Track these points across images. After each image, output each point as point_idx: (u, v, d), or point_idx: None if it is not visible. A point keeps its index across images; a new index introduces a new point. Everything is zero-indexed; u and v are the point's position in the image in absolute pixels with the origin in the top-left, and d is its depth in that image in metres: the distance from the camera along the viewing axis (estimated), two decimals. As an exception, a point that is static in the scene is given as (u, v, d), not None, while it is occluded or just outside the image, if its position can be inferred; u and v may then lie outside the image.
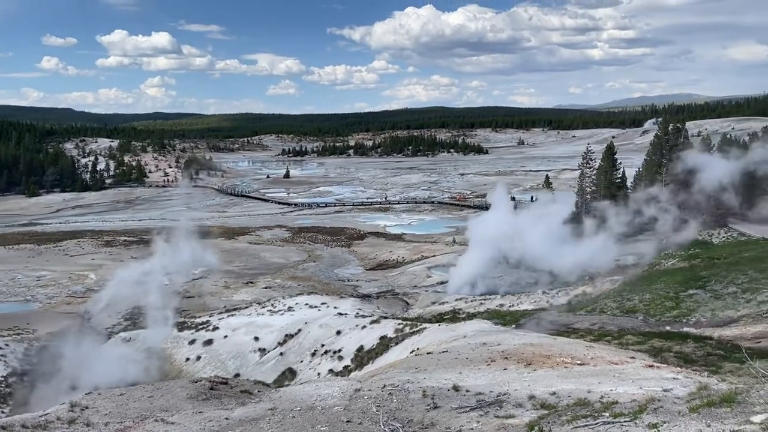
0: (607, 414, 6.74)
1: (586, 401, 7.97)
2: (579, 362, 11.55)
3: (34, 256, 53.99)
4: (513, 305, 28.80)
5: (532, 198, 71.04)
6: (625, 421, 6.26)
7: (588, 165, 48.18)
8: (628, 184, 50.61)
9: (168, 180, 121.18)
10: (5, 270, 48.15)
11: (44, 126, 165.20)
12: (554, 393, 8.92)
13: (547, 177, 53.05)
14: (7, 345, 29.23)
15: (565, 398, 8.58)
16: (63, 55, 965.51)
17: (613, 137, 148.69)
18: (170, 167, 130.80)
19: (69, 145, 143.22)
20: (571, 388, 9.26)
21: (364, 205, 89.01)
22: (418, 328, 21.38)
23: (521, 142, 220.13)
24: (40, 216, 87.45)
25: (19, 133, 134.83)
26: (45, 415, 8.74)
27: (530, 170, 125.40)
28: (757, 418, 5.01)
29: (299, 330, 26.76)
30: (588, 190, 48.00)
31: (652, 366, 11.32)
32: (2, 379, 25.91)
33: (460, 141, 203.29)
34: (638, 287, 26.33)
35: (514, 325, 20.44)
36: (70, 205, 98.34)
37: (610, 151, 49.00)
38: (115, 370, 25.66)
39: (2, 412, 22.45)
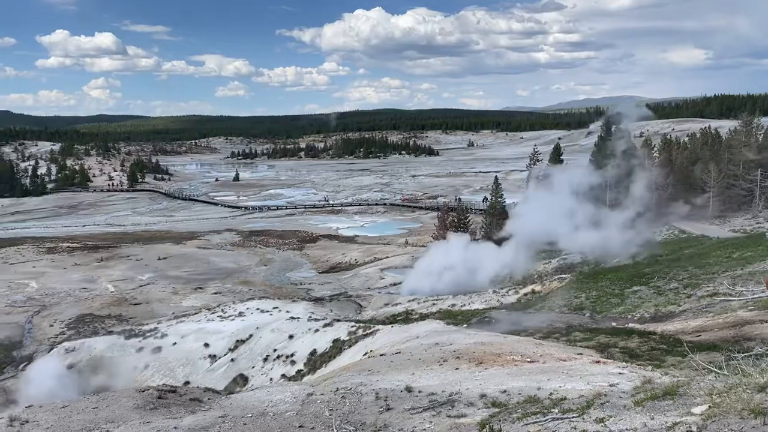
0: (557, 410, 6.85)
1: (535, 398, 8.10)
2: (529, 360, 11.74)
3: (-31, 265, 51.64)
4: (465, 305, 29.10)
5: (484, 199, 72.01)
6: (573, 417, 6.37)
7: (536, 165, 49.22)
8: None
9: (113, 184, 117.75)
10: (-62, 280, 45.92)
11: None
12: (505, 391, 9.03)
13: (496, 178, 53.81)
14: (-60, 358, 27.84)
15: (516, 396, 8.70)
16: (1, 55, 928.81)
17: (560, 138, 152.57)
18: (115, 171, 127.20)
19: (7, 149, 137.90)
20: (521, 385, 9.39)
21: (316, 207, 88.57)
22: (371, 330, 21.36)
23: (471, 144, 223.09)
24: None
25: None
26: (-19, 431, 8.34)
27: (480, 171, 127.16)
28: (697, 410, 5.18)
29: (251, 335, 26.39)
30: (536, 190, 49.01)
31: (599, 362, 11.59)
32: (-65, 394, 24.66)
33: (411, 143, 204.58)
34: (585, 285, 26.98)
35: (465, 325, 20.63)
36: (8, 211, 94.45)
37: (556, 152, 50.28)
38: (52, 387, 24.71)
39: (-64, 429, 21.32)
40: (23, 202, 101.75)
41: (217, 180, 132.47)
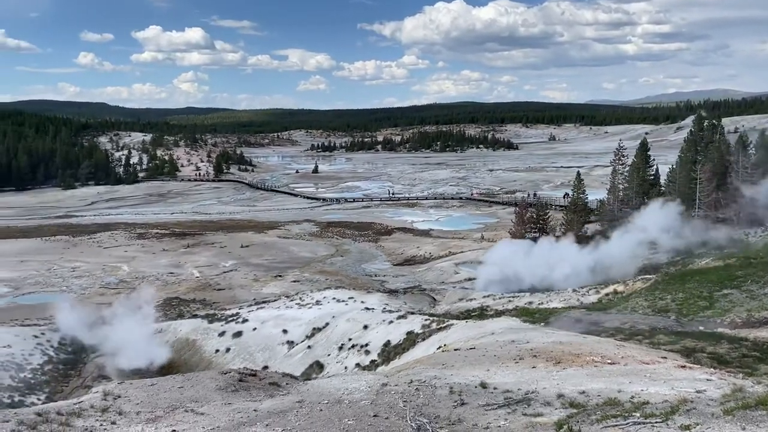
0: (638, 414, 6.64)
1: (616, 401, 7.87)
2: (609, 361, 11.40)
3: (69, 248, 55.24)
4: (542, 303, 28.51)
5: (565, 195, 70.17)
6: (656, 422, 6.16)
7: (620, 162, 47.40)
8: (662, 181, 49.70)
9: (199, 174, 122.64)
10: (42, 261, 49.37)
11: (80, 120, 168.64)
12: (583, 392, 8.82)
13: (579, 173, 52.24)
14: (43, 334, 29.94)
15: (595, 397, 8.48)
16: (99, 50, 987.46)
17: (647, 133, 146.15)
18: (202, 161, 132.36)
19: (103, 139, 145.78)
20: (601, 387, 9.15)
21: (392, 200, 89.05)
22: (445, 325, 21.33)
23: (552, 138, 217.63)
24: (75, 208, 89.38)
25: (56, 127, 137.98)
26: (79, 402, 8.94)
27: (561, 166, 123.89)
28: (794, 422, 4.88)
29: (327, 324, 26.90)
30: (620, 187, 47.27)
31: (684, 366, 11.12)
32: (39, 366, 26.55)
33: (489, 136, 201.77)
34: (671, 286, 25.86)
35: (543, 323, 20.23)
36: (104, 197, 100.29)
37: (643, 148, 48.17)
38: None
39: (38, 399, 23.03)
40: (117, 189, 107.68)
41: (297, 172, 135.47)
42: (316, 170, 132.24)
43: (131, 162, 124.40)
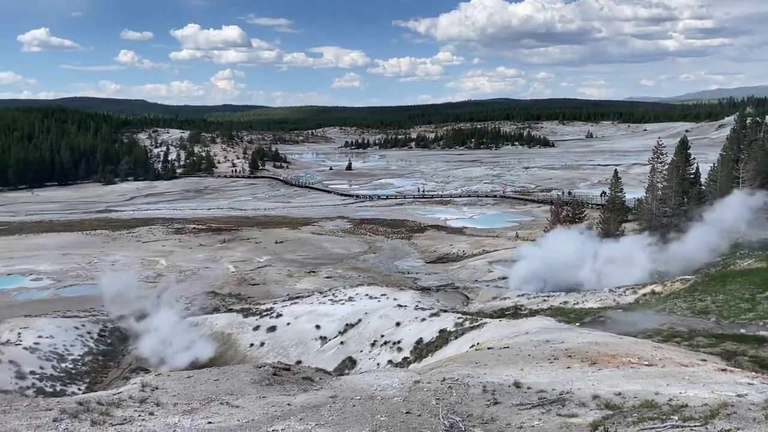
0: (676, 417, 6.51)
1: (653, 403, 7.72)
2: (646, 363, 11.19)
3: (108, 242, 56.59)
4: (578, 303, 28.12)
5: (602, 193, 69.06)
6: (695, 426, 6.03)
7: (659, 160, 46.36)
8: (702, 180, 48.51)
9: (235, 171, 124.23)
10: (83, 254, 50.68)
11: (120, 117, 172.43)
12: (619, 393, 8.69)
13: (616, 171, 51.32)
14: (83, 325, 30.73)
15: (631, 399, 8.34)
16: (139, 48, 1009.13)
17: (687, 131, 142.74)
18: (238, 158, 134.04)
19: (142, 136, 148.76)
20: (638, 389, 8.99)
21: (425, 197, 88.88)
22: (478, 323, 21.20)
23: (589, 135, 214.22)
24: (115, 203, 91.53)
25: (97, 124, 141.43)
26: (118, 393, 9.16)
27: (598, 164, 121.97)
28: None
29: (359, 320, 27.01)
30: (659, 185, 46.26)
31: (725, 370, 10.86)
32: (79, 357, 27.27)
33: (525, 134, 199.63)
34: (711, 287, 25.22)
35: (578, 323, 19.96)
36: (143, 193, 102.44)
37: (683, 146, 47.03)
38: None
39: (79, 389, 23.65)
40: (155, 185, 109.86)
41: (331, 169, 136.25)
42: (349, 167, 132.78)
43: (169, 158, 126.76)
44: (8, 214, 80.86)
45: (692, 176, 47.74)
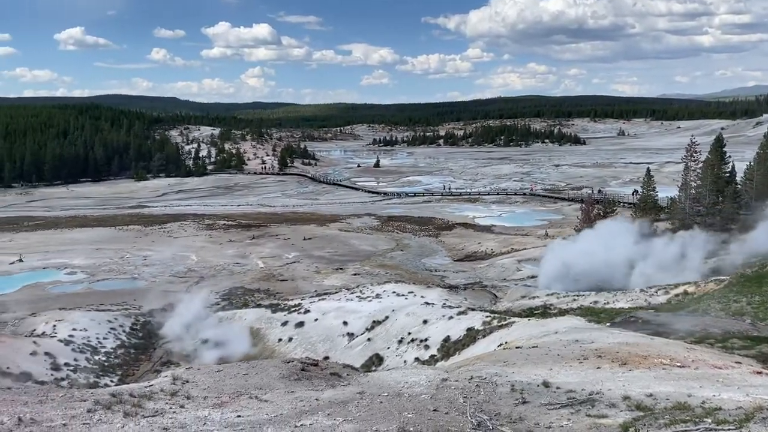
0: (710, 420, 6.39)
1: (685, 405, 7.59)
2: (678, 364, 11.00)
3: (141, 237, 57.57)
4: (608, 302, 27.74)
5: (634, 192, 68.00)
6: (729, 429, 5.91)
7: (693, 158, 45.45)
8: (738, 179, 47.41)
9: (265, 168, 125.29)
10: (116, 249, 51.65)
11: (152, 114, 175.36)
12: (651, 395, 8.55)
13: (648, 170, 50.44)
14: (116, 319, 31.38)
15: (663, 401, 8.20)
16: (171, 46, 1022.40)
17: (723, 129, 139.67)
18: (267, 155, 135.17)
19: (174, 133, 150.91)
20: (670, 390, 8.84)
21: (452, 195, 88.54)
22: (506, 322, 21.06)
23: (621, 133, 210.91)
24: (147, 199, 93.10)
25: (130, 121, 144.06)
26: (150, 386, 9.32)
27: (630, 162, 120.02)
28: None
29: (386, 317, 27.03)
30: (692, 184, 45.36)
31: (760, 372, 10.62)
32: (112, 350, 27.85)
33: (555, 131, 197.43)
34: (746, 288, 24.64)
35: (608, 323, 19.69)
36: (174, 189, 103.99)
37: (718, 144, 45.97)
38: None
39: (111, 381, 24.13)
40: (186, 181, 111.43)
41: (358, 166, 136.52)
42: (377, 164, 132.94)
43: (200, 155, 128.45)
44: (44, 209, 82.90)
45: (727, 175, 46.63)
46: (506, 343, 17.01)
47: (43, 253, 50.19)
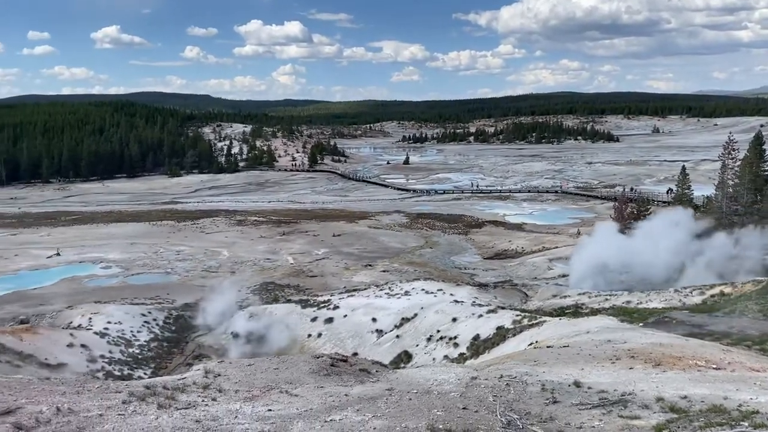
0: (747, 423, 6.25)
1: (721, 408, 7.43)
2: (714, 366, 10.77)
3: (174, 232, 58.51)
4: (641, 302, 27.29)
5: (669, 190, 66.70)
6: (767, 434, 5.77)
7: (730, 156, 44.33)
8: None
9: (295, 164, 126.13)
10: (149, 244, 52.59)
11: (185, 111, 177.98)
12: (685, 397, 8.40)
13: (684, 168, 49.45)
14: (150, 312, 31.95)
15: (698, 403, 8.05)
16: (204, 44, 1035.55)
17: (762, 126, 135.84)
18: (297, 152, 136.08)
19: (207, 130, 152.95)
20: (705, 393, 8.67)
21: (483, 192, 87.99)
22: (537, 321, 20.88)
23: (656, 130, 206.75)
24: (180, 195, 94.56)
25: (164, 118, 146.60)
26: (183, 379, 9.48)
27: (665, 160, 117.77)
28: None
29: (415, 314, 27.02)
30: (729, 183, 44.26)
31: (800, 377, 10.32)
32: (145, 343, 28.38)
33: (588, 128, 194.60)
34: (786, 290, 24.01)
35: (641, 324, 19.38)
36: (206, 185, 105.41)
37: (757, 141, 44.75)
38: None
39: (145, 373, 24.60)
40: (218, 178, 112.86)
41: (388, 163, 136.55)
42: (407, 161, 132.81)
43: (232, 152, 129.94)
44: (80, 204, 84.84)
45: (766, 173, 45.39)
46: (537, 342, 16.87)
47: (79, 248, 51.37)
